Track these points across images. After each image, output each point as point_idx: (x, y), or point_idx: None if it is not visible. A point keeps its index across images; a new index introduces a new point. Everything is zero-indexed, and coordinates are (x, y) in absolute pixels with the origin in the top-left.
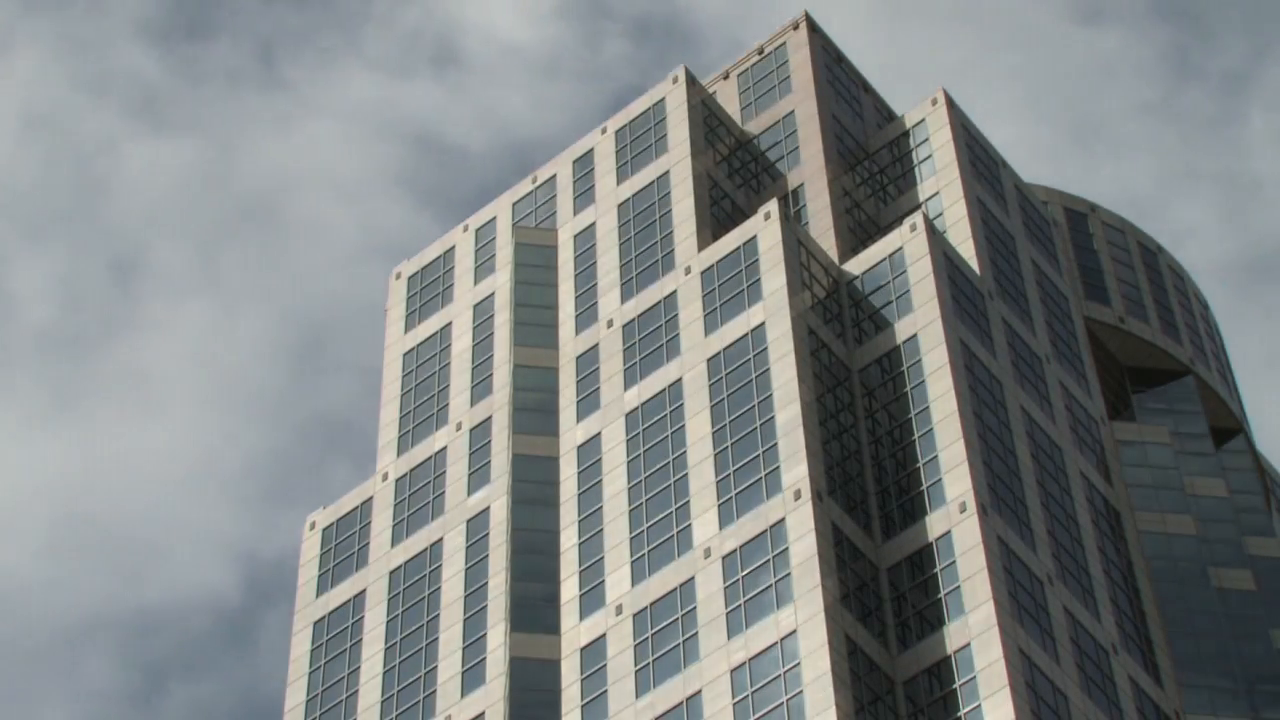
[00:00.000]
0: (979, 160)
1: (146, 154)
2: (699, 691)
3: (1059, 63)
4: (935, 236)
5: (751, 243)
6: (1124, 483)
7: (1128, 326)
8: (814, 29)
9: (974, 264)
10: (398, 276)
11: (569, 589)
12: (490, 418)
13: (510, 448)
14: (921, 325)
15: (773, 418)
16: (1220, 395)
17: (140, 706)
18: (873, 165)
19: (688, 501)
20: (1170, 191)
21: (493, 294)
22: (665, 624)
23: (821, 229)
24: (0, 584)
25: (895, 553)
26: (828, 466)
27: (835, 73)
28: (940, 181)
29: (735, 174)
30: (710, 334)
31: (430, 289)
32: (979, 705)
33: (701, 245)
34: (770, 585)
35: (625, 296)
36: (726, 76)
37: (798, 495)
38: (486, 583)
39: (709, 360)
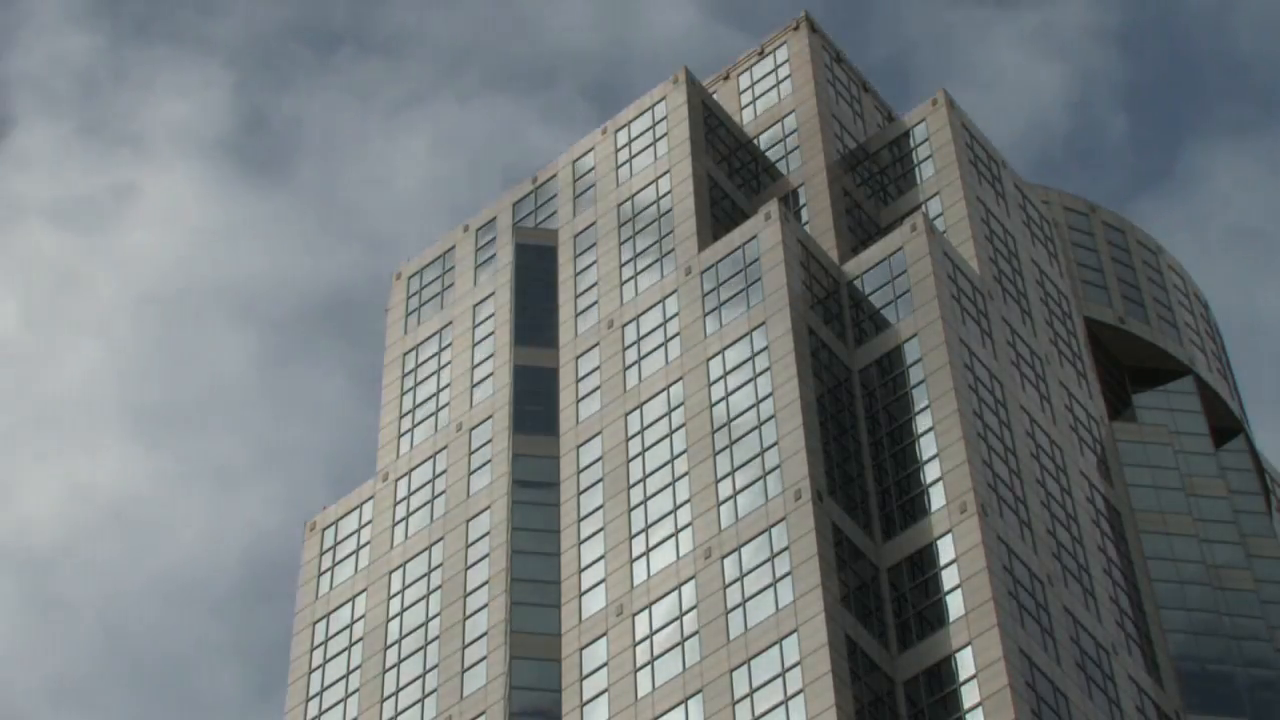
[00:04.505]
0: (979, 160)
1: None
2: (699, 691)
3: None
4: (935, 237)
5: (752, 243)
6: (1124, 483)
7: (1128, 326)
8: (814, 29)
9: (974, 264)
10: (398, 277)
11: (569, 589)
12: (490, 418)
13: (510, 448)
14: (921, 325)
15: (773, 417)
16: (1220, 395)
17: None
18: (873, 165)
19: (688, 501)
20: None
21: (493, 294)
22: (665, 624)
23: (822, 229)
24: None
25: (895, 553)
26: (828, 466)
27: (835, 73)
28: (940, 182)
29: (735, 174)
30: (710, 334)
31: (430, 289)
32: (979, 705)
33: (701, 245)
34: (770, 585)
35: (625, 296)
36: (727, 77)
37: (798, 495)
38: (487, 583)
39: (709, 360)
